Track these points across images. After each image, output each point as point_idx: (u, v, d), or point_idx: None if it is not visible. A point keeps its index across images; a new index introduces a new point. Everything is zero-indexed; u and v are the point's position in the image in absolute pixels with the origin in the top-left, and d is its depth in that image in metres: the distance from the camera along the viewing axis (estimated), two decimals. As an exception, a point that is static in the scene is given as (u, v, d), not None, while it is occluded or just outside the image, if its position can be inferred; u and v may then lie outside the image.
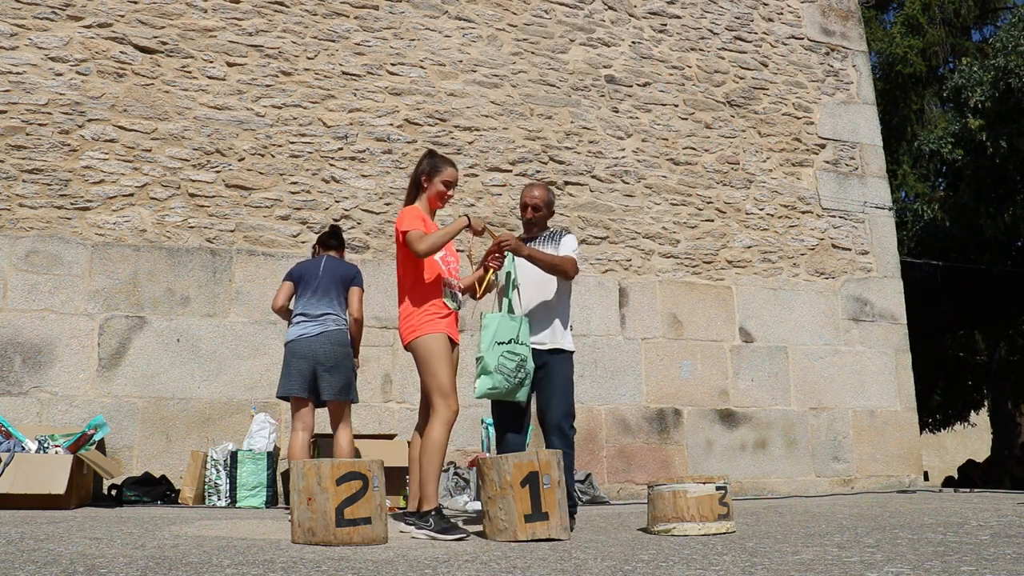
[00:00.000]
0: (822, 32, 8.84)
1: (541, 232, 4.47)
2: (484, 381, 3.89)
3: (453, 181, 3.98)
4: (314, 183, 6.74)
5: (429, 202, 3.96)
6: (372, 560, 2.77)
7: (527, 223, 4.46)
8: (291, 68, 6.86)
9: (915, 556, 2.80)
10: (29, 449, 5.17)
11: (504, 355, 3.89)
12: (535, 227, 4.45)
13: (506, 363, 3.89)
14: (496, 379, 3.87)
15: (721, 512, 3.67)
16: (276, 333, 6.38)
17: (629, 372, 7.25)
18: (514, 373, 3.89)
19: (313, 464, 3.27)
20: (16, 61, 6.21)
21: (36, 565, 2.53)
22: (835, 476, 7.73)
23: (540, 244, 4.38)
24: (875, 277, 8.38)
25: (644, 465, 7.13)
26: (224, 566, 2.58)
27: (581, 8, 7.89)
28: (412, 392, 6.54)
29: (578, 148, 7.57)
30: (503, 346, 3.89)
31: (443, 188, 3.94)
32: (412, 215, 3.82)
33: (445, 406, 3.68)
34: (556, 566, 2.65)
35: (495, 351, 3.88)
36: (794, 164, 8.36)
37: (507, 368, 3.88)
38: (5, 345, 5.82)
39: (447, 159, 4.02)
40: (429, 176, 3.94)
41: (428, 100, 7.19)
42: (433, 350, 3.71)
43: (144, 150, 6.38)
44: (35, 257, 6.00)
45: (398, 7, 7.27)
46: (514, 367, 3.89)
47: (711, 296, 7.72)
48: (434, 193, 3.94)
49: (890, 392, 8.12)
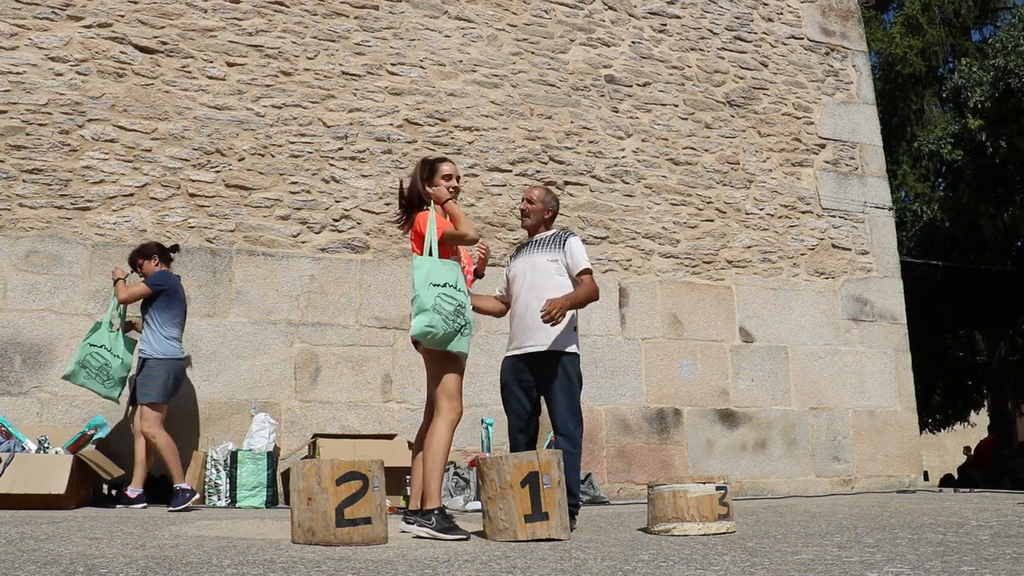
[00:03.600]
0: (822, 32, 8.84)
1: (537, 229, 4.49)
2: (421, 319, 3.60)
3: (453, 173, 3.94)
4: (314, 183, 6.74)
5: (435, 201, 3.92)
6: (372, 560, 2.77)
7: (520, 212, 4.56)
8: (291, 68, 6.86)
9: (915, 556, 2.80)
10: (29, 449, 5.17)
11: (441, 296, 3.63)
12: (527, 219, 4.50)
13: (444, 304, 3.62)
14: (434, 318, 3.59)
15: (721, 512, 3.67)
16: (276, 333, 6.38)
17: (629, 372, 7.25)
18: (452, 317, 3.62)
19: (313, 464, 3.27)
20: (16, 61, 6.21)
21: (36, 565, 2.53)
22: (835, 476, 7.73)
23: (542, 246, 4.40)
24: (875, 277, 8.38)
25: (644, 465, 7.13)
26: (224, 566, 2.58)
27: (581, 8, 7.89)
28: (412, 392, 6.54)
29: (578, 148, 7.57)
30: (439, 288, 3.65)
31: (448, 183, 3.91)
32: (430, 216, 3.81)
33: (450, 408, 3.67)
34: (556, 566, 2.65)
35: (431, 291, 3.63)
36: (794, 164, 8.36)
37: (445, 310, 3.62)
38: (5, 345, 5.82)
39: (437, 157, 3.98)
40: (430, 180, 3.90)
41: (428, 100, 7.19)
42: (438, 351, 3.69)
43: (144, 150, 6.38)
44: (35, 257, 6.00)
45: (398, 7, 7.27)
46: (452, 311, 3.62)
47: (711, 296, 7.72)
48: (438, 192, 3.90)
49: (890, 392, 8.12)
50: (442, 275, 3.68)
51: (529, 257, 4.39)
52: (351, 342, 6.55)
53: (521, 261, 4.41)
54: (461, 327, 3.66)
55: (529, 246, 4.46)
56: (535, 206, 4.46)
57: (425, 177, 3.91)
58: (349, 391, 6.49)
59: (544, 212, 4.50)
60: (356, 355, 6.53)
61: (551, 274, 4.30)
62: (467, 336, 3.71)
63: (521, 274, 4.35)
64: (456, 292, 3.68)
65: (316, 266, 6.60)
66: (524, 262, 4.38)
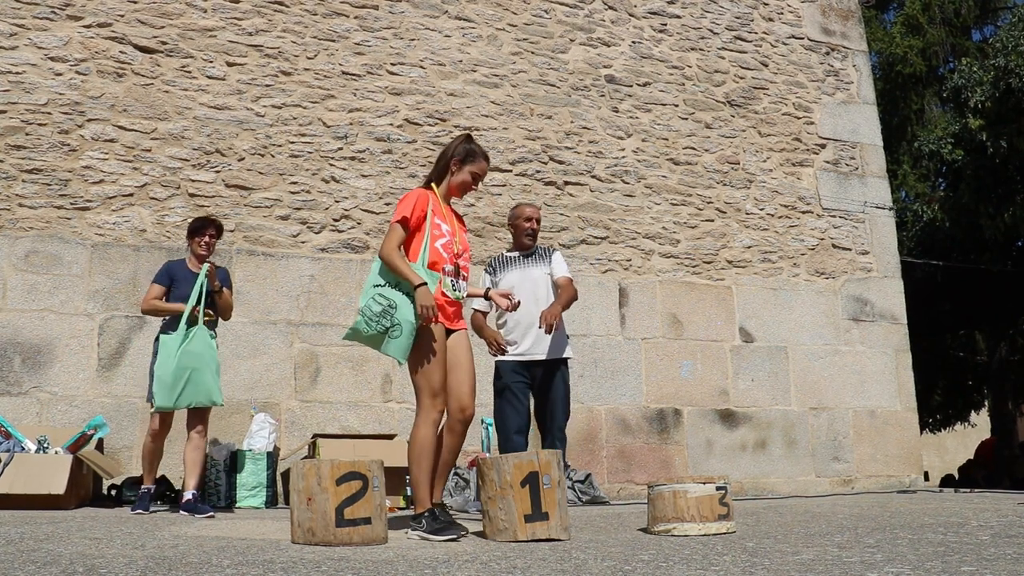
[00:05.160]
0: (822, 32, 8.84)
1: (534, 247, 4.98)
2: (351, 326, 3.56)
3: (482, 174, 3.79)
4: (314, 183, 6.73)
5: (451, 189, 3.77)
6: (372, 560, 2.77)
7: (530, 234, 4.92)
8: (291, 68, 6.85)
9: (915, 556, 2.80)
10: (29, 449, 5.17)
11: (374, 297, 3.48)
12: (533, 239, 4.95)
13: (372, 305, 3.47)
14: (358, 322, 3.48)
15: (721, 512, 3.67)
16: (276, 333, 6.38)
17: (629, 372, 7.25)
18: (376, 318, 3.45)
19: (313, 464, 3.27)
20: (16, 61, 6.21)
21: (36, 565, 2.53)
22: (835, 476, 7.73)
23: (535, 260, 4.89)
24: (875, 277, 8.38)
25: (644, 465, 7.13)
26: (224, 566, 2.58)
27: (581, 8, 7.89)
28: (412, 392, 6.52)
29: (578, 148, 7.57)
30: (376, 288, 3.51)
31: (469, 179, 3.75)
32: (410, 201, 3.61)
33: (432, 405, 3.56)
34: (556, 566, 2.65)
35: (368, 293, 3.52)
36: (794, 164, 8.35)
37: (370, 311, 3.46)
38: (5, 345, 5.82)
39: (483, 151, 3.79)
40: (461, 162, 3.73)
41: (428, 100, 7.19)
42: (420, 343, 3.50)
43: (144, 150, 6.38)
44: (35, 257, 6.00)
45: (398, 7, 7.27)
46: (378, 311, 3.45)
47: (711, 296, 7.72)
48: (459, 182, 3.75)
49: (890, 392, 8.12)
50: (386, 275, 3.54)
51: (524, 271, 4.85)
52: (351, 342, 6.54)
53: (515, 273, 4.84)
54: (388, 328, 3.45)
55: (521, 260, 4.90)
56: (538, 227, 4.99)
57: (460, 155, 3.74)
58: (349, 391, 6.49)
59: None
60: (356, 355, 6.53)
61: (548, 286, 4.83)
62: (396, 338, 3.46)
63: (519, 285, 4.73)
64: (393, 292, 3.48)
65: (316, 266, 6.59)
66: (519, 275, 4.83)
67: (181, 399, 4.68)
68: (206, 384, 4.73)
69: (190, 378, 4.67)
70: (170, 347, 4.68)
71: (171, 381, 4.62)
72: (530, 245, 4.89)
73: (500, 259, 4.95)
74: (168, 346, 4.69)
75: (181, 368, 4.64)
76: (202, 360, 4.73)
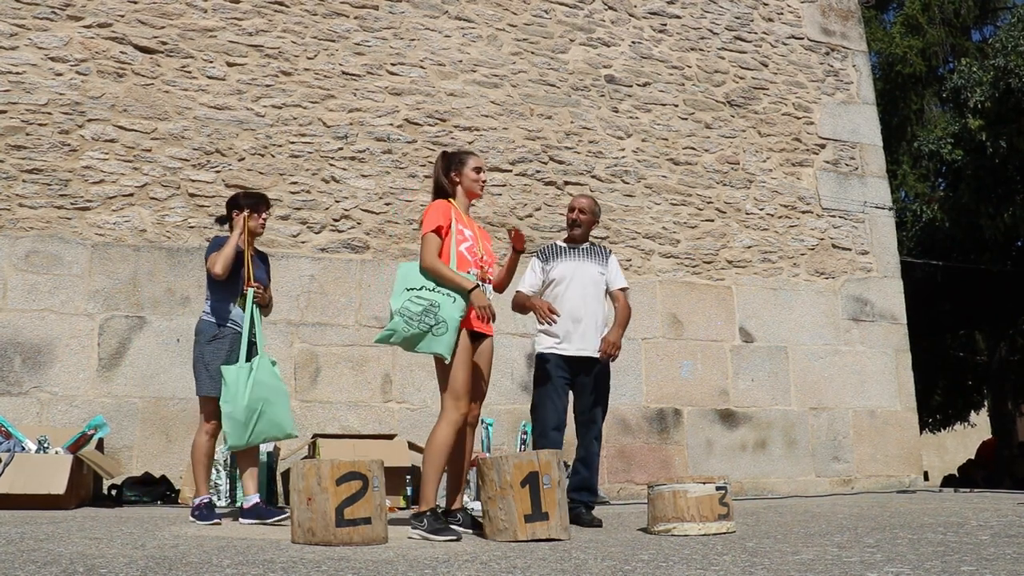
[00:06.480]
0: (822, 32, 8.84)
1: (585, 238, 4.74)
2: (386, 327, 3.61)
3: (481, 165, 3.92)
4: (314, 183, 6.74)
5: (467, 195, 3.90)
6: (372, 560, 2.77)
7: (571, 222, 4.71)
8: (291, 68, 6.86)
9: (915, 556, 2.80)
10: (29, 449, 5.17)
11: (411, 299, 3.57)
12: (578, 228, 4.70)
13: (411, 307, 3.55)
14: (395, 322, 3.54)
15: (721, 512, 3.67)
16: (276, 333, 6.38)
17: (629, 372, 7.25)
18: (418, 317, 3.53)
19: (313, 464, 3.27)
20: (16, 61, 6.21)
21: (36, 565, 2.53)
22: (835, 476, 7.73)
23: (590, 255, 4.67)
24: (875, 277, 8.38)
25: (644, 465, 7.13)
26: (224, 566, 2.58)
27: (581, 8, 7.89)
28: (412, 392, 6.54)
29: (578, 148, 7.57)
30: (412, 291, 3.60)
31: (475, 174, 3.87)
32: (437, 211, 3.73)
33: (455, 407, 3.61)
34: (556, 566, 2.65)
35: (402, 296, 3.59)
36: (794, 164, 8.36)
37: (410, 311, 3.54)
38: (5, 345, 5.82)
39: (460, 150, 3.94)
40: (458, 170, 3.87)
41: (428, 100, 7.19)
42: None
43: (144, 150, 6.38)
44: (35, 257, 6.00)
45: (398, 7, 7.27)
46: (419, 311, 3.54)
47: (711, 296, 7.72)
48: (469, 184, 3.87)
49: (890, 392, 8.12)
50: (418, 279, 3.65)
51: (579, 263, 4.63)
52: (351, 342, 6.55)
53: (569, 264, 4.62)
54: (431, 327, 3.53)
55: (574, 252, 4.67)
56: (586, 216, 4.72)
57: (450, 166, 3.87)
58: (349, 391, 6.49)
59: (592, 222, 4.79)
60: (356, 355, 6.53)
61: (601, 287, 4.65)
62: (442, 335, 3.55)
63: (570, 277, 4.57)
64: (431, 293, 3.58)
65: (316, 266, 6.60)
66: (573, 266, 4.61)
67: (254, 436, 4.29)
68: (278, 417, 4.34)
69: (262, 411, 4.28)
70: (236, 381, 4.26)
71: (244, 418, 4.22)
72: (577, 235, 4.69)
73: (552, 248, 4.77)
74: (233, 380, 4.27)
75: (254, 401, 4.24)
76: (273, 391, 4.34)
